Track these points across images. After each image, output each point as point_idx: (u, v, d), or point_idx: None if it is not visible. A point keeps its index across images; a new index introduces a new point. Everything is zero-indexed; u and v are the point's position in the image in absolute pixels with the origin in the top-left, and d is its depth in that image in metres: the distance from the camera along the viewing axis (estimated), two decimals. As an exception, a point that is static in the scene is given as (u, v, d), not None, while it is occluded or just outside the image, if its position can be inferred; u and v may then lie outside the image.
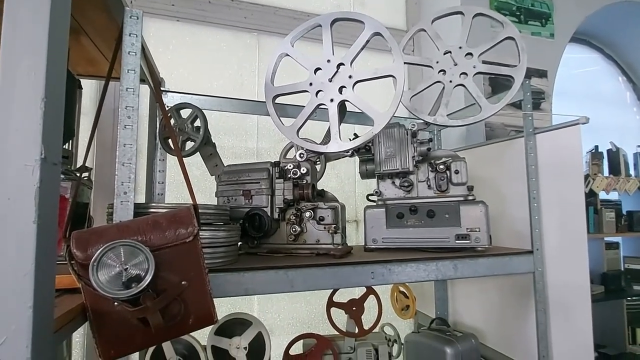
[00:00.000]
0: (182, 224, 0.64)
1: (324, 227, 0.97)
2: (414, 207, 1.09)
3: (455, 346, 1.11)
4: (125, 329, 0.59)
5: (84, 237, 0.58)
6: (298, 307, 1.74)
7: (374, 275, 0.86)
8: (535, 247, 1.06)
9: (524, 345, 1.15)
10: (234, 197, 1.00)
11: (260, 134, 1.77)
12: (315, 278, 0.80)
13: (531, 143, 1.11)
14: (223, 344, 0.96)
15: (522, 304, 1.17)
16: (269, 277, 0.77)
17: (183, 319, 0.63)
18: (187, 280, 0.63)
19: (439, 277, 0.93)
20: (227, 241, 0.81)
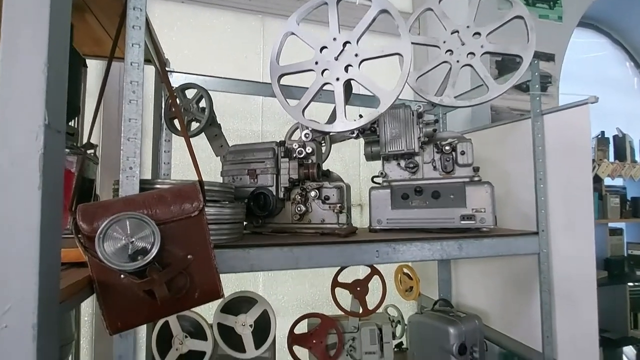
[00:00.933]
0: (188, 199, 0.64)
1: (329, 206, 0.97)
2: (419, 188, 1.08)
3: (458, 326, 1.12)
4: (132, 301, 0.60)
5: (90, 210, 0.58)
6: (302, 288, 1.76)
7: (379, 253, 0.86)
8: (541, 229, 1.06)
9: (528, 327, 1.15)
10: (239, 177, 1.00)
11: (265, 117, 1.76)
12: (321, 256, 0.80)
13: (538, 124, 1.10)
14: (229, 322, 0.98)
15: (526, 287, 1.17)
16: (275, 254, 0.77)
17: (189, 292, 0.63)
18: (193, 255, 0.63)
19: (444, 256, 0.92)
20: (233, 218, 0.81)
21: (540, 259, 1.05)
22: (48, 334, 0.42)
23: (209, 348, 0.97)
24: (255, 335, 0.97)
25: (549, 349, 1.03)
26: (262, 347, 0.97)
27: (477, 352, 1.14)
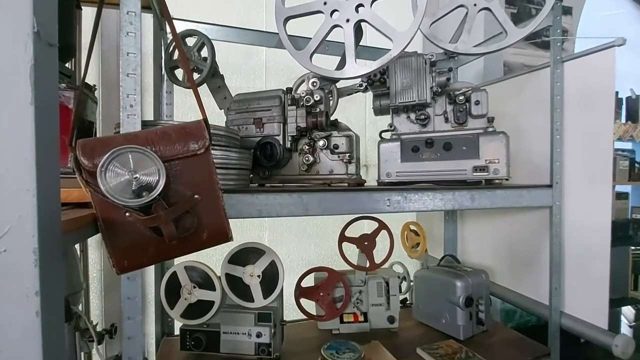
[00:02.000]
0: (193, 137, 0.61)
1: (338, 156, 0.93)
2: (430, 140, 1.04)
3: (465, 279, 1.12)
4: (138, 239, 0.58)
5: (90, 145, 0.55)
6: (307, 248, 1.76)
7: (390, 202, 0.84)
8: (555, 181, 1.03)
9: (535, 282, 1.15)
10: (245, 126, 0.96)
11: (269, 74, 1.70)
12: (330, 202, 0.78)
13: (558, 72, 1.04)
14: (237, 272, 0.97)
15: (535, 244, 1.16)
16: (283, 200, 0.74)
17: (197, 233, 0.61)
18: (200, 194, 0.61)
19: (456, 207, 0.90)
20: (239, 164, 0.78)
21: (553, 211, 1.03)
22: (51, 262, 0.40)
23: (218, 298, 0.97)
24: (263, 286, 0.97)
25: (557, 301, 1.03)
26: (270, 296, 0.97)
27: (482, 304, 1.15)
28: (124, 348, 0.66)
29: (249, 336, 0.95)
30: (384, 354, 1.03)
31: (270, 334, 0.94)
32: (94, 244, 1.48)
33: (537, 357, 1.03)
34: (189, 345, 0.98)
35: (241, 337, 0.96)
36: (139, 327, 0.67)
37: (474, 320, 1.14)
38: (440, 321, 1.18)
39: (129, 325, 0.66)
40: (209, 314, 0.98)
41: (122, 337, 0.66)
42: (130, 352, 0.66)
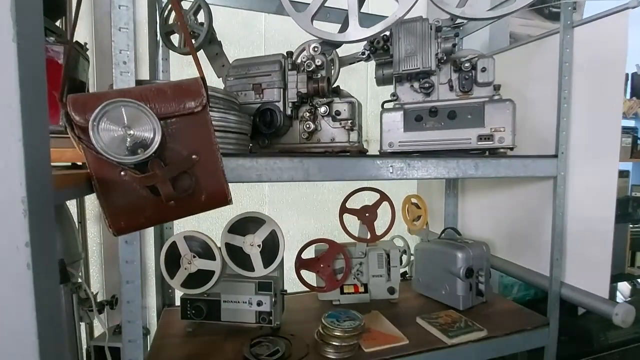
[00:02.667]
0: (189, 95, 0.58)
1: (340, 123, 0.91)
2: (434, 109, 1.01)
3: (466, 250, 1.12)
4: (135, 199, 0.56)
5: (82, 100, 0.53)
6: (307, 224, 1.76)
7: (393, 169, 0.82)
8: (561, 151, 1.01)
9: (536, 255, 1.15)
10: (244, 92, 0.93)
11: (268, 44, 1.65)
12: (332, 168, 0.76)
13: (568, 37, 1.00)
14: (237, 242, 0.96)
15: (537, 217, 1.15)
16: (283, 164, 0.72)
17: (195, 194, 0.59)
18: (198, 155, 0.59)
19: (459, 175, 0.88)
20: (238, 128, 0.76)
21: (557, 182, 1.01)
22: (42, 214, 0.38)
23: (218, 267, 0.96)
24: (263, 255, 0.96)
25: (557, 271, 1.03)
26: (270, 266, 0.96)
27: (482, 276, 1.15)
28: (123, 312, 0.66)
29: (250, 305, 0.95)
30: (384, 323, 1.03)
31: (271, 303, 0.94)
32: (92, 217, 1.47)
33: (536, 327, 1.04)
34: (190, 314, 0.98)
35: (242, 306, 0.96)
36: (138, 292, 0.66)
37: (474, 291, 1.15)
38: (440, 292, 1.18)
39: (127, 290, 0.65)
40: (209, 284, 0.97)
41: (121, 302, 0.66)
42: (130, 316, 0.66)
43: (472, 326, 1.00)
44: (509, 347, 1.00)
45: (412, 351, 0.89)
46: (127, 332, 0.66)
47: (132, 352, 0.66)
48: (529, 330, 1.02)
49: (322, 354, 0.87)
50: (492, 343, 0.97)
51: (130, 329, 0.66)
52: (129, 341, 0.66)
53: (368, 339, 0.94)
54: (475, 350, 0.95)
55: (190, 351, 0.89)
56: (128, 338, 0.66)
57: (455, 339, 0.94)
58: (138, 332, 0.66)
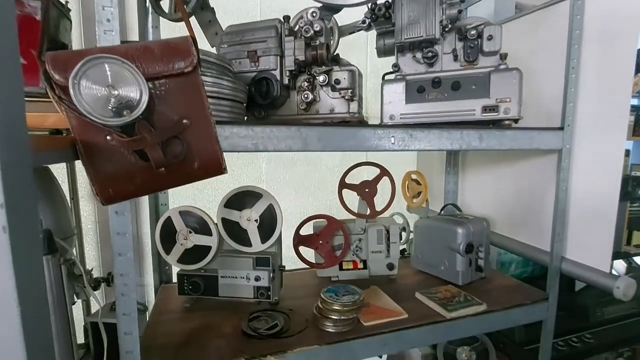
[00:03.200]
0: (178, 54, 0.54)
1: (340, 93, 0.87)
2: (438, 79, 0.97)
3: (466, 226, 1.10)
4: (123, 166, 0.53)
5: (62, 57, 0.49)
6: (305, 202, 1.74)
7: (395, 140, 0.79)
8: (567, 123, 0.98)
9: (537, 231, 1.13)
10: (238, 60, 0.89)
11: (264, 15, 1.58)
12: (331, 137, 0.73)
13: (579, 3, 0.95)
14: (233, 217, 0.94)
15: (539, 194, 1.12)
16: (281, 133, 0.69)
17: (187, 161, 0.56)
18: (189, 119, 0.55)
19: (463, 146, 0.86)
20: (233, 95, 0.72)
21: (562, 155, 0.98)
22: (19, 174, 0.36)
23: (214, 243, 0.94)
24: (260, 230, 0.94)
25: (559, 246, 1.02)
26: (268, 241, 0.94)
27: (482, 252, 1.14)
28: (117, 285, 0.64)
29: (248, 280, 0.94)
30: (383, 298, 1.03)
31: (269, 278, 0.93)
32: (86, 195, 1.44)
33: (535, 301, 1.03)
34: (187, 289, 0.96)
35: (239, 281, 0.94)
36: (131, 264, 0.64)
37: (473, 267, 1.14)
38: (439, 268, 1.17)
39: (120, 262, 0.63)
40: (206, 259, 0.95)
41: (114, 275, 0.63)
42: (123, 289, 0.64)
43: (472, 300, 1.00)
44: (508, 321, 0.99)
45: (412, 325, 0.89)
46: (121, 305, 0.64)
47: (127, 326, 0.65)
48: (528, 305, 1.02)
49: (321, 328, 0.86)
50: (491, 317, 0.96)
51: (124, 302, 0.64)
52: (123, 314, 0.64)
53: (367, 313, 0.93)
54: (475, 323, 0.95)
55: (188, 326, 0.88)
56: (122, 312, 0.64)
57: (455, 312, 0.93)
58: (132, 306, 0.65)
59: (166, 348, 0.78)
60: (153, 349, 0.78)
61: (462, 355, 1.21)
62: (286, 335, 0.83)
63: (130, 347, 0.65)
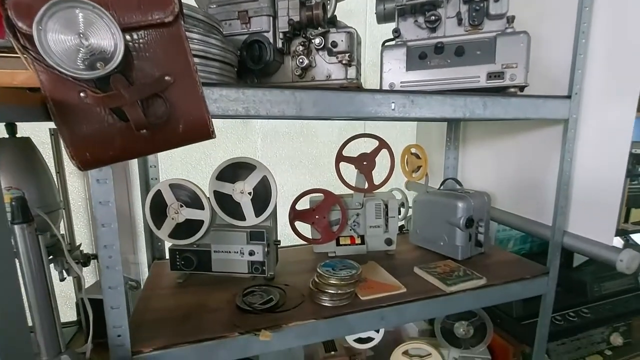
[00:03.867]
0: (157, 3, 0.49)
1: (337, 57, 0.82)
2: (440, 44, 0.92)
3: (467, 200, 1.07)
4: (100, 126, 0.49)
5: (26, 2, 0.44)
6: (302, 179, 1.70)
7: (395, 106, 0.74)
8: (574, 91, 0.93)
9: (539, 205, 1.10)
10: (228, 22, 0.83)
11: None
12: (327, 102, 0.68)
13: (593, -38, 0.89)
14: (226, 189, 0.90)
15: (542, 168, 1.09)
16: (274, 97, 0.65)
17: (171, 123, 0.52)
18: (172, 76, 0.50)
19: (466, 114, 0.81)
20: (222, 56, 0.67)
21: (569, 125, 0.94)
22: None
23: (207, 217, 0.91)
24: (254, 203, 0.90)
25: (562, 220, 0.99)
26: (262, 214, 0.91)
27: (482, 227, 1.11)
28: (101, 257, 0.60)
29: (242, 255, 0.91)
30: (381, 273, 1.01)
31: (263, 252, 0.90)
32: (75, 171, 1.39)
33: (535, 275, 1.01)
34: (179, 265, 0.94)
35: (233, 256, 0.91)
36: (116, 235, 0.60)
37: (473, 242, 1.11)
38: (438, 244, 1.15)
39: (103, 233, 0.60)
40: (198, 234, 0.92)
41: (97, 247, 0.60)
42: (108, 261, 0.61)
43: (471, 275, 0.98)
44: (508, 295, 0.98)
45: (410, 299, 0.87)
46: (106, 278, 0.61)
47: (113, 300, 0.62)
48: (528, 279, 1.00)
49: (318, 303, 0.84)
50: (491, 291, 0.95)
51: (109, 274, 0.61)
52: (108, 288, 0.61)
53: (365, 287, 0.91)
54: (474, 298, 0.93)
55: (180, 301, 0.86)
56: (108, 284, 0.61)
57: (454, 286, 0.91)
58: (118, 278, 0.61)
59: (157, 322, 0.76)
60: (143, 324, 0.75)
61: (460, 330, 1.20)
62: (281, 310, 0.81)
63: (117, 322, 0.63)
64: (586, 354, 1.41)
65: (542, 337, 1.09)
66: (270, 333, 0.71)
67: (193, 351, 0.69)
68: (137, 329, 0.73)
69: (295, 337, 0.76)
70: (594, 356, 1.42)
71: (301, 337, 0.77)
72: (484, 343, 1.22)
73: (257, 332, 0.72)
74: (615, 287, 1.51)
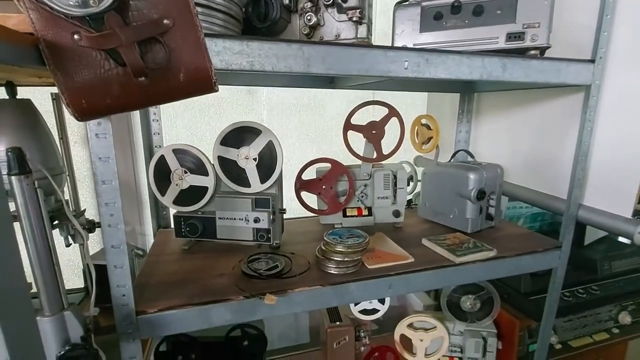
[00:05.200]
0: (156, -63, 0.45)
1: (347, 14, 0.77)
2: (457, 3, 0.87)
3: (479, 172, 1.04)
4: (97, 72, 0.46)
5: None
6: (309, 153, 1.67)
7: (408, 65, 0.70)
8: (599, 55, 0.88)
9: (553, 179, 1.07)
10: (231, -24, 0.78)
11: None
12: (337, 58, 0.65)
13: None
14: (230, 155, 0.88)
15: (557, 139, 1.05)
16: (280, 51, 0.61)
17: (171, 71, 0.49)
18: (171, 20, 0.47)
19: (484, 76, 0.77)
20: (226, 7, 0.63)
21: (591, 91, 0.89)
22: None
23: (211, 183, 0.89)
24: (259, 169, 0.88)
25: (577, 192, 0.96)
26: (268, 181, 0.89)
27: (494, 200, 1.08)
28: (102, 215, 0.59)
29: (247, 222, 0.89)
30: (389, 243, 0.99)
31: (268, 220, 0.88)
32: (80, 140, 1.38)
33: (547, 249, 0.99)
34: (184, 231, 0.93)
35: (238, 223, 0.90)
36: (117, 193, 0.58)
37: (484, 215, 1.09)
38: (447, 216, 1.12)
39: (104, 190, 0.58)
40: (202, 201, 0.91)
41: (99, 204, 0.58)
42: (109, 220, 0.59)
43: (481, 247, 0.95)
44: (518, 268, 0.96)
45: (418, 268, 0.85)
46: (108, 236, 0.60)
47: (116, 259, 0.61)
48: (541, 252, 0.97)
49: (324, 270, 0.82)
50: (501, 263, 0.92)
51: (111, 233, 0.59)
52: (111, 247, 0.60)
53: (372, 257, 0.89)
54: (484, 269, 0.91)
55: (185, 267, 0.85)
56: (110, 244, 0.60)
57: (464, 257, 0.89)
58: (120, 237, 0.60)
59: (162, 285, 0.75)
60: (148, 286, 0.75)
61: (467, 303, 1.19)
62: (287, 276, 0.79)
63: (121, 281, 0.62)
64: (593, 332, 1.40)
65: (551, 311, 1.07)
66: (275, 297, 0.70)
67: (197, 313, 0.68)
68: (142, 291, 0.72)
69: (301, 303, 0.75)
70: (601, 333, 1.41)
71: (307, 303, 0.76)
72: (490, 317, 1.21)
73: (262, 296, 0.71)
74: (626, 265, 1.48)
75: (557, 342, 1.32)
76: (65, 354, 0.53)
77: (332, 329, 1.18)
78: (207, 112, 1.51)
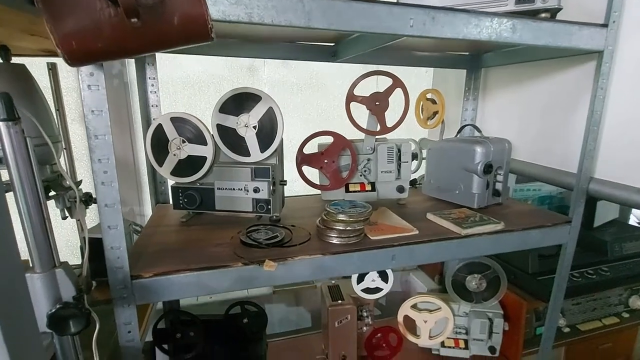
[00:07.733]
0: None
1: (349, -28, 0.74)
2: (465, -35, 0.83)
3: (486, 145, 1.00)
4: (87, 11, 0.44)
5: None
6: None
7: (414, 22, 0.67)
8: (612, 19, 0.84)
9: (563, 153, 1.03)
10: None
11: None
12: (338, 12, 0.62)
13: None
14: (229, 122, 0.85)
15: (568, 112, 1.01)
16: (279, 3, 0.58)
17: (165, 15, 0.46)
18: (164, -43, 0.45)
19: (493, 37, 0.74)
20: (221, -44, 0.60)
21: (603, 58, 0.86)
22: None
23: (210, 153, 0.87)
24: (259, 138, 0.86)
25: (588, 164, 0.93)
26: (268, 149, 0.86)
27: (501, 175, 1.05)
28: (95, 171, 0.57)
29: (246, 192, 0.87)
30: (392, 217, 0.96)
31: (268, 190, 0.86)
32: (77, 118, 1.36)
33: (556, 223, 0.96)
34: (182, 203, 0.91)
35: (237, 193, 0.88)
36: (111, 148, 0.56)
37: (490, 190, 1.06)
38: (453, 192, 1.09)
39: (97, 145, 0.56)
40: (201, 171, 0.89)
41: (92, 160, 0.56)
42: (103, 177, 0.57)
43: (488, 220, 0.93)
44: (526, 243, 0.93)
45: (423, 239, 0.82)
46: (101, 195, 0.58)
47: (110, 219, 0.59)
48: (549, 227, 0.95)
49: (325, 240, 0.80)
50: (509, 236, 0.90)
51: (104, 191, 0.57)
52: (105, 206, 0.58)
53: (375, 229, 0.87)
54: (491, 242, 0.88)
55: (182, 237, 0.83)
56: (104, 202, 0.58)
57: (470, 229, 0.87)
58: (115, 196, 0.58)
59: (158, 253, 0.74)
60: (144, 254, 0.73)
61: (472, 283, 1.17)
62: (288, 245, 0.77)
63: (115, 243, 0.60)
64: (602, 315, 1.37)
65: (559, 290, 1.04)
66: (274, 263, 0.68)
67: (194, 279, 0.66)
68: (138, 259, 0.70)
69: (301, 272, 0.73)
70: (611, 317, 1.38)
71: (307, 272, 0.74)
72: (496, 297, 1.19)
73: (260, 263, 0.69)
74: (637, 247, 1.45)
75: (565, 326, 1.30)
76: (57, 312, 0.52)
77: (334, 307, 1.16)
78: (206, 91, 1.48)
